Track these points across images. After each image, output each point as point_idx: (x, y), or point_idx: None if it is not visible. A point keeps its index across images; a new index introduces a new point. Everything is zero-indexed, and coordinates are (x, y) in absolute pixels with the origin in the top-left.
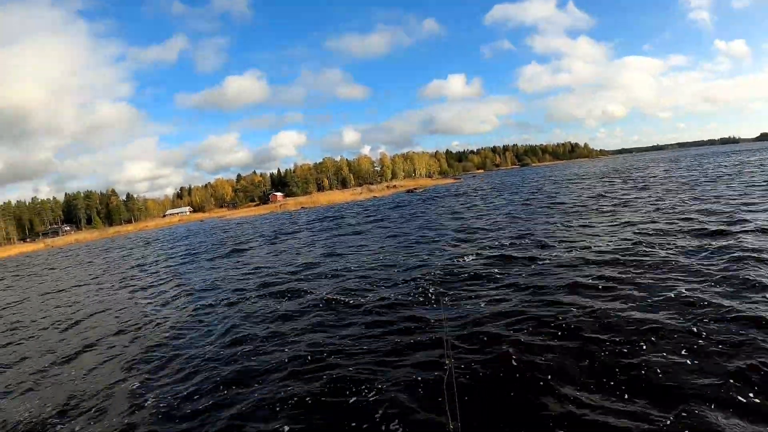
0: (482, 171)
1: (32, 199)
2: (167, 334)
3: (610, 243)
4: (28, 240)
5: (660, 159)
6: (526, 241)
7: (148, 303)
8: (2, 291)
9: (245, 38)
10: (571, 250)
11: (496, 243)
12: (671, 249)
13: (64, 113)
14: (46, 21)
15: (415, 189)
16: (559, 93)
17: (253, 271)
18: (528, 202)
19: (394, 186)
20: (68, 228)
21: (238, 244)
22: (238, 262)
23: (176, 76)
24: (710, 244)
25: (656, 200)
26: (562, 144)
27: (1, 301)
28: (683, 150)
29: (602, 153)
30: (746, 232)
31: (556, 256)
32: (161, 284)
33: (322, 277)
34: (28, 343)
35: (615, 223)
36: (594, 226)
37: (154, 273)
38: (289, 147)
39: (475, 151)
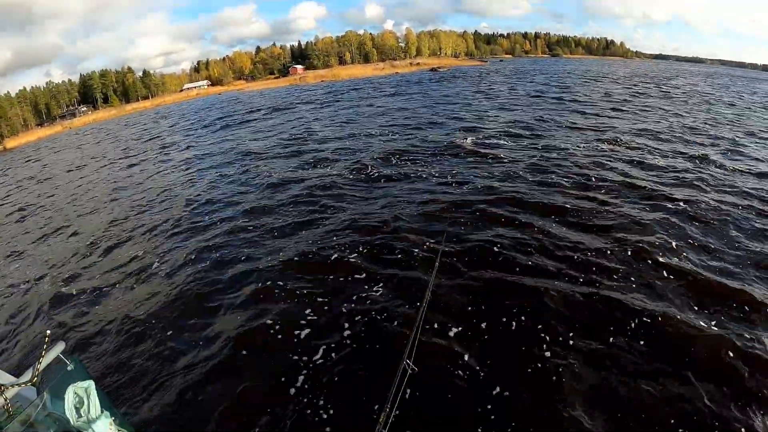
0: (510, 56)
1: (47, 83)
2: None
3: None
4: (45, 124)
5: (696, 72)
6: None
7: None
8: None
9: None
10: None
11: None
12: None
13: None
14: None
15: (439, 68)
16: None
17: (262, 137)
18: (540, 93)
19: (418, 63)
20: (85, 109)
21: (250, 113)
22: (250, 129)
23: None
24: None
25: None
26: (597, 39)
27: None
28: (723, 68)
29: (638, 55)
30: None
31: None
32: (180, 151)
33: (324, 142)
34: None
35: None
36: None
37: (171, 145)
38: (309, 19)
39: (504, 35)
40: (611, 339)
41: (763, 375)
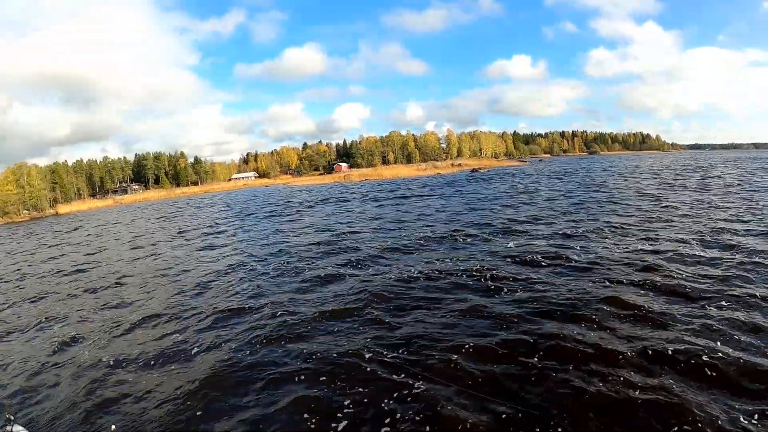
0: (549, 156)
1: (103, 158)
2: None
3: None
4: (98, 196)
5: (734, 158)
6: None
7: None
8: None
9: (302, 13)
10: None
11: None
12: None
13: (130, 80)
14: None
15: (480, 168)
16: (628, 81)
17: (308, 230)
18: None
19: (459, 164)
20: (137, 187)
21: (298, 206)
22: (296, 221)
23: (235, 47)
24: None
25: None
26: (633, 134)
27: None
28: (760, 151)
29: (674, 146)
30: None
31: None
32: (227, 237)
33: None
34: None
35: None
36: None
37: (222, 230)
38: (353, 119)
39: (543, 134)
40: None
41: None
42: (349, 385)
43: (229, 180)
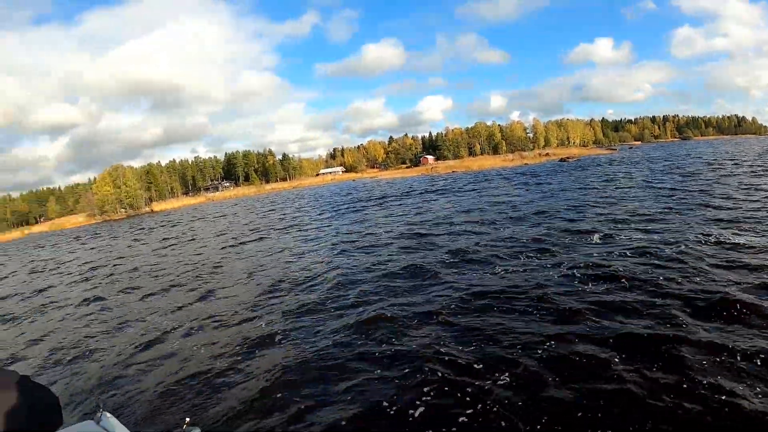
0: (639, 142)
1: (195, 158)
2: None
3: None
4: (190, 194)
5: None
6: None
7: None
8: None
9: (374, 9)
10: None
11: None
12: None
13: (214, 84)
14: (188, 5)
15: (569, 158)
16: (716, 59)
17: (398, 219)
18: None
19: (547, 154)
20: (227, 184)
21: (388, 198)
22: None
23: (313, 47)
24: None
25: None
26: (728, 117)
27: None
28: None
29: None
30: None
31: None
32: (321, 229)
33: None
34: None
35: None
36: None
37: (311, 223)
38: (435, 112)
39: (632, 120)
40: None
41: None
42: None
43: (317, 175)
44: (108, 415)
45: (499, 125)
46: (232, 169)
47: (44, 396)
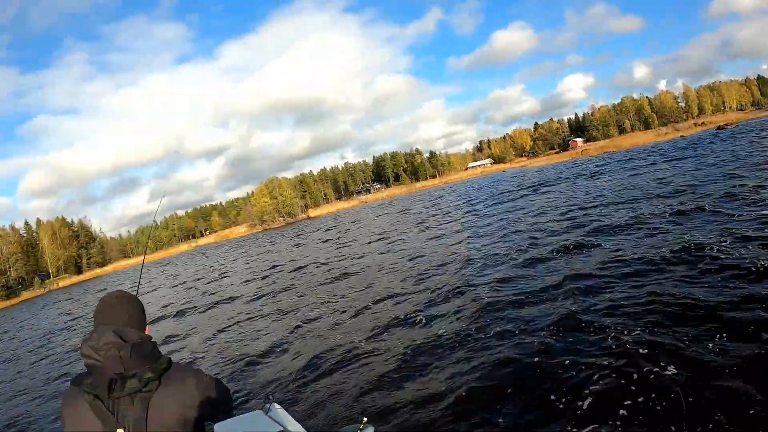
0: None
1: (345, 164)
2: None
3: None
4: (343, 198)
5: None
6: None
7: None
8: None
9: None
10: None
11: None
12: None
13: (352, 92)
14: (316, 23)
15: (726, 125)
16: None
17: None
18: None
19: (702, 123)
20: (378, 186)
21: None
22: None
23: (442, 43)
24: None
25: None
26: None
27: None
28: None
29: None
30: None
31: None
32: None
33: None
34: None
35: None
36: None
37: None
38: (578, 90)
39: None
40: None
41: None
42: None
43: (466, 169)
44: (276, 406)
45: (647, 97)
46: (382, 171)
47: (217, 388)
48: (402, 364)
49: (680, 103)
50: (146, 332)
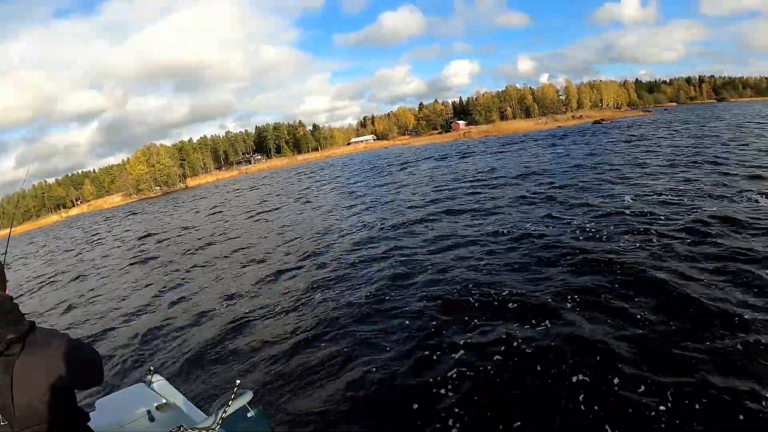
0: (675, 104)
1: (226, 133)
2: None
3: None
4: (223, 168)
5: None
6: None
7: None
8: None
9: None
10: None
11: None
12: None
13: (236, 61)
14: None
15: (603, 120)
16: (749, 18)
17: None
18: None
19: (581, 116)
20: (259, 157)
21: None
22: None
23: (329, 19)
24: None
25: None
26: (766, 78)
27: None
28: None
29: None
30: None
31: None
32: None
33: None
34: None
35: None
36: None
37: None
38: (463, 76)
39: (667, 81)
40: None
41: None
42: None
43: (349, 144)
44: (158, 377)
45: (530, 88)
46: (264, 142)
47: (86, 351)
48: (273, 328)
49: (561, 96)
50: (5, 293)
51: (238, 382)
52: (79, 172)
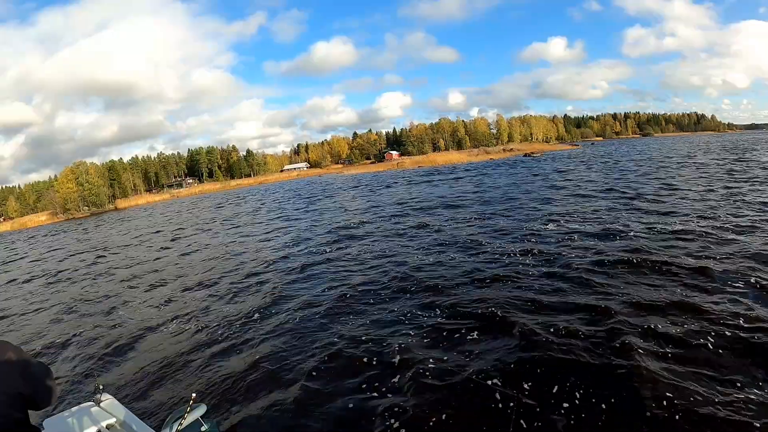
0: (601, 139)
1: (158, 154)
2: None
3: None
4: (154, 191)
5: None
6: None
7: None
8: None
9: (322, 10)
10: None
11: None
12: None
13: (168, 83)
14: (143, 5)
15: (533, 153)
16: (670, 59)
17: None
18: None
19: (511, 149)
20: (191, 180)
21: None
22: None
23: (262, 47)
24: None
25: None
26: (687, 114)
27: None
28: None
29: (731, 127)
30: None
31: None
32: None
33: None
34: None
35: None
36: None
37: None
38: (395, 108)
39: (594, 117)
40: None
41: None
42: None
43: (282, 171)
44: (107, 395)
45: (463, 121)
46: (196, 166)
47: (39, 367)
48: (224, 340)
49: (492, 130)
50: None
51: (193, 395)
52: (3, 187)
